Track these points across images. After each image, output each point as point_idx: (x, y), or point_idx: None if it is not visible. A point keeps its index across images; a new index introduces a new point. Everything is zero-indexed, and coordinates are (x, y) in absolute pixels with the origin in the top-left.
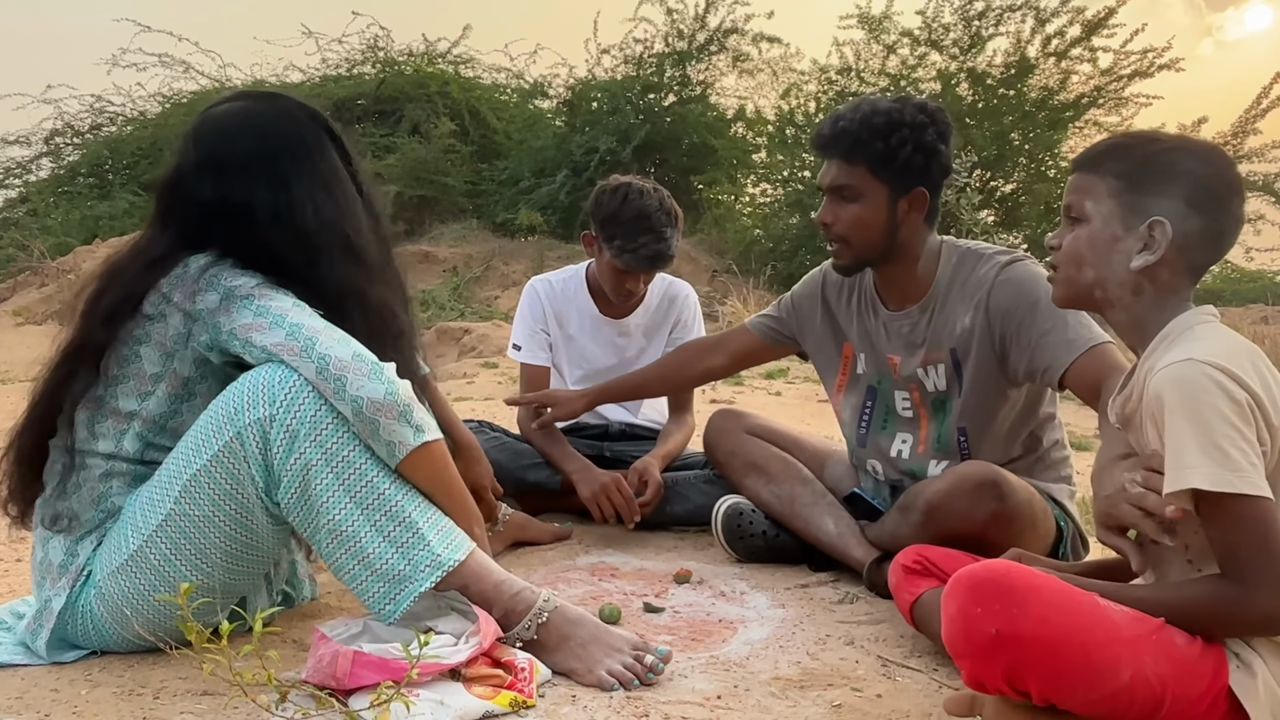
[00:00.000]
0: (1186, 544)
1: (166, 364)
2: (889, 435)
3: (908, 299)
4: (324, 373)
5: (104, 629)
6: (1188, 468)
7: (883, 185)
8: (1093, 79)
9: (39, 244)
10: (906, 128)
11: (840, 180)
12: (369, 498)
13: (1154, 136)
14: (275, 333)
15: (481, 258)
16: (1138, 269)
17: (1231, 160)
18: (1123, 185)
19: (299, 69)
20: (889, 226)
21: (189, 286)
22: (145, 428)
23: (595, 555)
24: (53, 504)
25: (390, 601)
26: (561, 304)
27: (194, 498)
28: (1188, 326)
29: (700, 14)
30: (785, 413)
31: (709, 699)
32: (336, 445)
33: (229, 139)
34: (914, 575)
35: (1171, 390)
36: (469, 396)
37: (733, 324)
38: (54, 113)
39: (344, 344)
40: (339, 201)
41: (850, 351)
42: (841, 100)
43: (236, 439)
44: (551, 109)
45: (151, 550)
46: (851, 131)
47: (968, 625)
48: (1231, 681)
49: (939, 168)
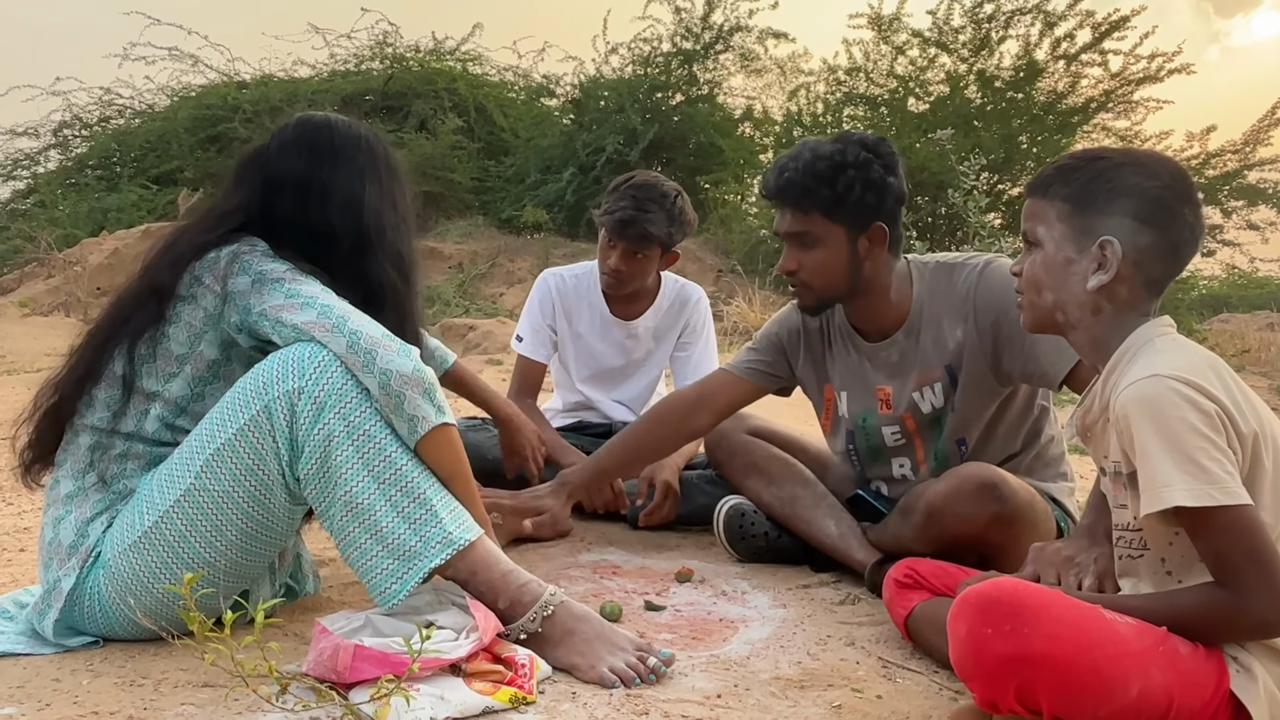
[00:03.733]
0: (1163, 557)
1: (193, 345)
2: (883, 463)
3: (888, 327)
4: (354, 347)
5: (110, 612)
6: (1165, 486)
7: (839, 227)
8: (1101, 83)
9: (46, 235)
10: (851, 168)
11: (797, 228)
12: (386, 472)
13: (1099, 155)
14: (306, 312)
15: (487, 255)
16: (1094, 289)
17: (1181, 169)
18: (1071, 208)
19: (307, 64)
20: (852, 265)
21: (219, 270)
22: (166, 409)
23: (597, 553)
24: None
25: (397, 580)
26: (572, 300)
27: (215, 473)
28: (1147, 340)
29: (706, 13)
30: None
31: (709, 698)
32: (360, 419)
33: (328, 132)
34: (906, 589)
35: (1138, 408)
36: None
37: (738, 325)
38: (62, 105)
39: (373, 324)
40: (401, 220)
41: (831, 394)
42: (850, 102)
43: (264, 412)
44: (559, 107)
45: (167, 526)
46: (798, 181)
47: (978, 647)
48: (1233, 685)
49: (892, 199)
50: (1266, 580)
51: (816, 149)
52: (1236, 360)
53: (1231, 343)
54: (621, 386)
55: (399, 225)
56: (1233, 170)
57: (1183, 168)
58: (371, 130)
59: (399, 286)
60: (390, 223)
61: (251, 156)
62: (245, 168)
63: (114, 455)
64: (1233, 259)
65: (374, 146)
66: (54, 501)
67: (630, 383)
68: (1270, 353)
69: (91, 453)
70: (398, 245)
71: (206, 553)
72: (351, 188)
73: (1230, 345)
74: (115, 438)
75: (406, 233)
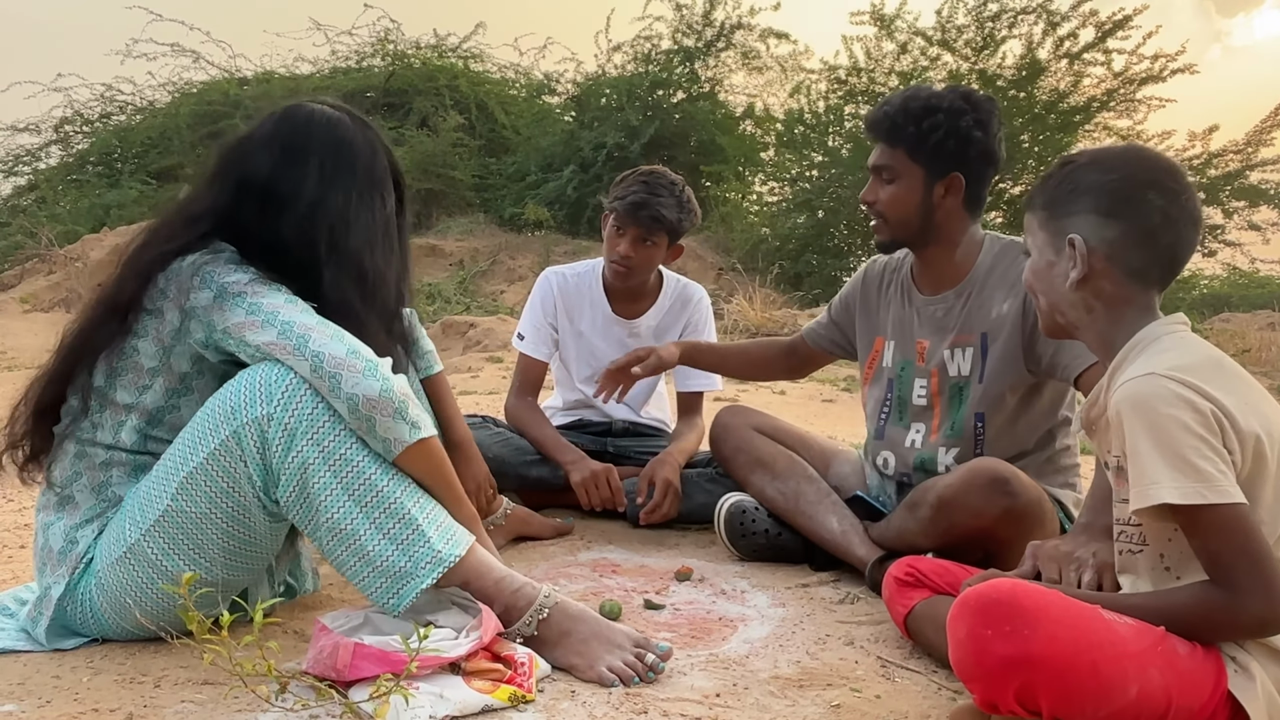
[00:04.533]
0: (1162, 553)
1: (163, 359)
2: (903, 427)
3: (943, 284)
4: (318, 370)
5: (103, 617)
6: (1154, 484)
7: (919, 168)
8: (1104, 82)
9: (47, 231)
10: (942, 113)
11: (881, 161)
12: (367, 495)
13: (1066, 159)
14: (267, 331)
15: (488, 252)
16: (1072, 286)
17: (1146, 158)
18: (1046, 214)
19: (308, 61)
20: (924, 208)
21: (183, 282)
22: (142, 420)
23: (597, 551)
24: (90, 451)
25: (394, 596)
26: (574, 298)
27: (190, 495)
28: (1154, 338)
29: (706, 11)
30: (789, 412)
31: (708, 696)
32: (334, 443)
33: (305, 129)
34: (906, 587)
35: (1132, 406)
36: (473, 390)
37: (739, 323)
38: (64, 101)
39: (338, 340)
40: (374, 231)
41: (880, 344)
42: (852, 99)
43: (233, 437)
44: (560, 104)
45: (149, 544)
46: (891, 115)
47: (978, 648)
48: (1231, 685)
49: (977, 154)
50: (1260, 578)
51: (919, 90)
52: (1237, 360)
53: (1232, 342)
54: None
55: (368, 237)
56: (1234, 170)
57: (1151, 156)
58: (361, 130)
59: (354, 303)
60: (357, 235)
61: (232, 147)
62: (224, 161)
63: (98, 464)
64: (1233, 259)
65: (354, 149)
66: (45, 507)
67: None
68: (1271, 352)
69: (78, 460)
70: (360, 258)
71: (192, 569)
72: (316, 194)
73: (1231, 345)
74: (96, 447)
75: (380, 244)
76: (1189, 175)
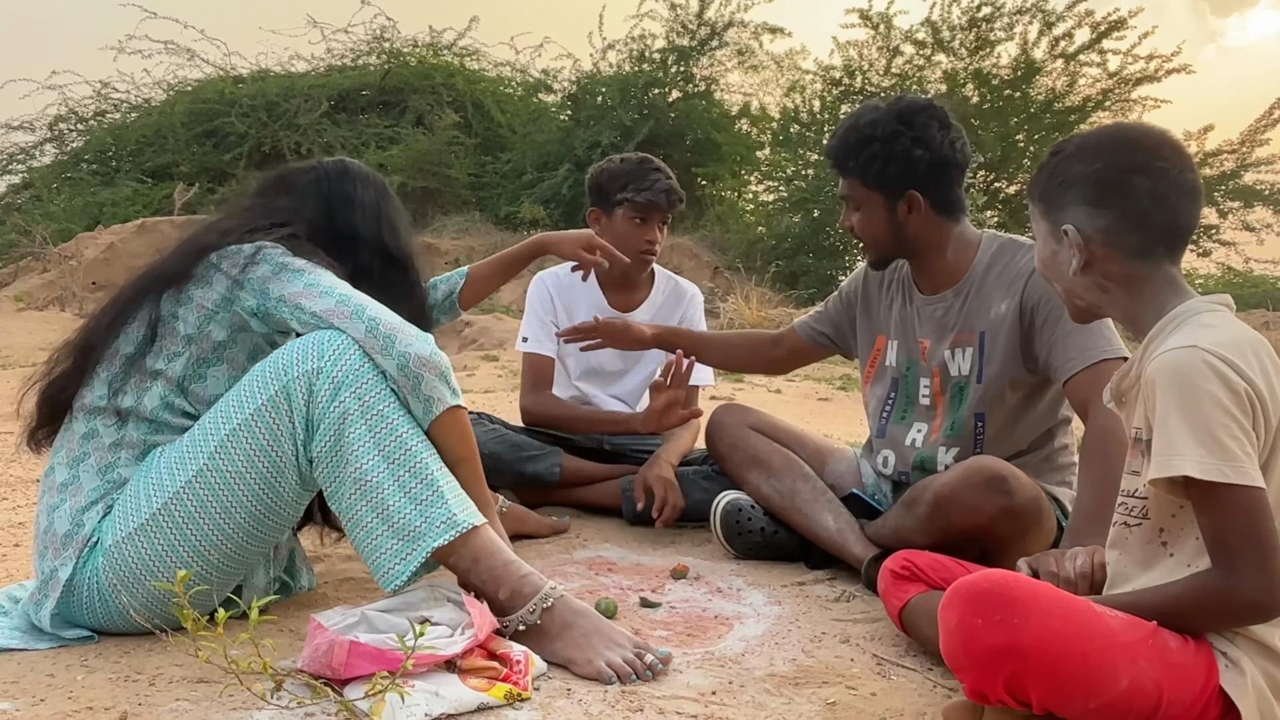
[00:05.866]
0: (1161, 527)
1: (202, 326)
2: (906, 425)
3: (941, 284)
4: (374, 332)
5: (109, 601)
6: (1178, 455)
7: (875, 193)
8: (1099, 82)
9: (41, 229)
10: (877, 141)
11: (843, 191)
12: (397, 452)
13: (1056, 149)
14: (325, 300)
15: (484, 250)
16: (1076, 274)
17: (1131, 139)
18: (1044, 206)
19: (304, 59)
20: (893, 227)
21: (239, 259)
22: (167, 387)
23: (592, 549)
24: (101, 428)
25: (401, 560)
26: (570, 296)
27: (230, 453)
28: (1195, 313)
29: (700, 9)
30: (784, 410)
31: (704, 694)
32: (374, 399)
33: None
34: (902, 580)
35: (1168, 376)
36: (470, 389)
37: (734, 321)
38: (58, 99)
39: (390, 313)
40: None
41: (881, 343)
42: (847, 98)
43: (282, 392)
44: (555, 103)
45: (177, 508)
46: (835, 149)
47: (968, 637)
48: (1222, 681)
49: (926, 169)
50: (1261, 562)
51: (857, 118)
52: None
53: None
54: (618, 382)
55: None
56: (1229, 171)
57: (1135, 137)
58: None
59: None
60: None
61: (302, 170)
62: (294, 180)
63: (108, 444)
64: (1228, 259)
65: (389, 196)
66: (49, 490)
67: (627, 378)
68: None
69: (85, 441)
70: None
71: (214, 535)
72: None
73: None
74: (110, 421)
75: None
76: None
